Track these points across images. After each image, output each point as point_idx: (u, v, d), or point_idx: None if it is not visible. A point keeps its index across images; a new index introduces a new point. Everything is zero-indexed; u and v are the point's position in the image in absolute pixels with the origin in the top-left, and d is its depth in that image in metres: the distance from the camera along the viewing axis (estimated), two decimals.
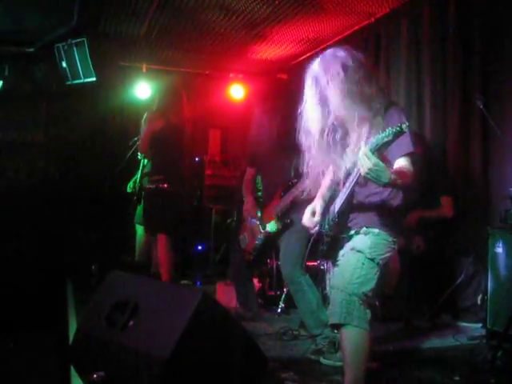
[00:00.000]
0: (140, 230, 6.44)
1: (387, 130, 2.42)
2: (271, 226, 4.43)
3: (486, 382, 3.33)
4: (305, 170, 3.10)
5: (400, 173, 2.64)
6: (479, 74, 4.94)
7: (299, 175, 3.32)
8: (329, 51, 2.95)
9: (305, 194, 3.32)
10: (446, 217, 4.94)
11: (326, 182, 3.22)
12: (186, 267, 7.25)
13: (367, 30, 6.33)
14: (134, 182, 5.90)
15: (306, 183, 3.22)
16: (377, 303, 4.13)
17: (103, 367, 2.62)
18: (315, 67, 2.91)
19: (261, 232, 4.51)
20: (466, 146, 5.08)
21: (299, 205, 4.05)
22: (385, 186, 2.62)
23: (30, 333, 4.26)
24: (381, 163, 2.45)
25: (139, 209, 6.15)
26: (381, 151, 2.48)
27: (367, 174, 2.47)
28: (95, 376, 2.58)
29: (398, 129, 2.39)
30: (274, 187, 4.48)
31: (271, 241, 4.49)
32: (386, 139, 2.42)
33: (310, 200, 3.26)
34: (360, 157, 2.47)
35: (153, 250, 5.85)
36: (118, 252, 6.79)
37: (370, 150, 2.44)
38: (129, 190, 6.33)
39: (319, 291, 4.25)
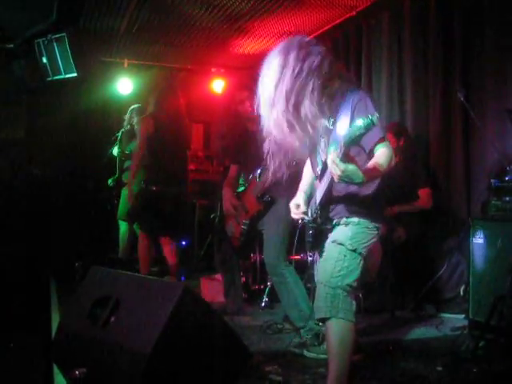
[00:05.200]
0: (123, 226, 6.43)
1: (359, 123, 2.40)
2: (253, 207, 4.46)
3: (469, 372, 3.35)
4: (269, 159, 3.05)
5: (372, 169, 2.64)
6: (460, 67, 4.98)
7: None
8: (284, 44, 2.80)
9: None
10: (424, 208, 5.01)
11: (306, 175, 3.22)
12: None
13: (349, 23, 6.33)
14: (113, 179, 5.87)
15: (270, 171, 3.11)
16: (360, 295, 4.17)
17: (85, 363, 2.61)
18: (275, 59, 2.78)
19: (245, 216, 4.53)
20: (447, 137, 5.13)
21: (277, 184, 4.04)
22: (362, 183, 2.63)
23: (13, 330, 4.23)
24: (350, 166, 2.45)
25: (122, 205, 6.13)
26: (355, 143, 2.49)
27: (340, 179, 2.49)
28: (77, 372, 2.56)
29: (368, 121, 2.38)
30: (252, 172, 4.53)
31: (256, 222, 4.49)
32: (358, 132, 2.41)
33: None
34: (329, 165, 2.48)
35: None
36: (102, 249, 6.76)
37: (344, 144, 2.43)
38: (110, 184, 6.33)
39: (303, 284, 4.26)
